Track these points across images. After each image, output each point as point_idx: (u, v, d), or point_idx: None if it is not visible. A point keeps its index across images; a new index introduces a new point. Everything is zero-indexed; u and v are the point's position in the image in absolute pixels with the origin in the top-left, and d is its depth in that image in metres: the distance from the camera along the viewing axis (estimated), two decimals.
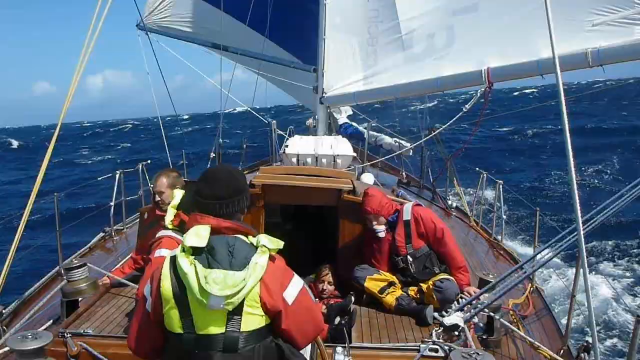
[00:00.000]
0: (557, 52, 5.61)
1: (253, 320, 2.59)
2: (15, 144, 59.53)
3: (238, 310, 2.56)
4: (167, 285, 2.59)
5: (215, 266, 2.53)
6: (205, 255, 2.57)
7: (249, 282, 2.53)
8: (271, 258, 2.66)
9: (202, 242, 2.58)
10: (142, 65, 11.54)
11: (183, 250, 2.60)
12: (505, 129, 37.71)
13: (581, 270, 3.54)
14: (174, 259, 2.62)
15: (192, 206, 2.84)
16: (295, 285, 2.74)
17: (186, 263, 2.55)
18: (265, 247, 2.64)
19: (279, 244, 2.69)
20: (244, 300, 2.55)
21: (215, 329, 2.56)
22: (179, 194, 4.71)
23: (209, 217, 2.69)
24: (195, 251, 2.59)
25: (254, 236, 2.72)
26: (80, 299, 5.31)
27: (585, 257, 3.30)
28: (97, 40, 5.43)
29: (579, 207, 3.32)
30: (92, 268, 5.62)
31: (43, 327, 5.08)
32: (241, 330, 2.58)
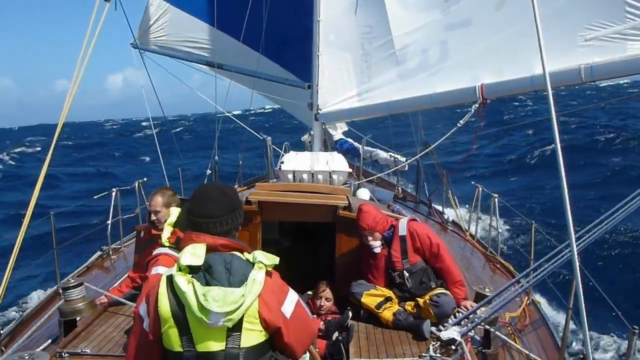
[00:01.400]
0: (550, 69, 5.68)
1: (252, 336, 2.62)
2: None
3: (237, 326, 2.58)
4: (164, 305, 2.59)
5: (214, 284, 2.54)
6: (203, 273, 2.58)
7: (248, 299, 2.55)
8: (268, 274, 2.69)
9: (198, 261, 2.59)
10: (156, 66, 11.73)
11: (179, 269, 2.60)
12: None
13: (576, 283, 3.56)
14: (170, 278, 2.63)
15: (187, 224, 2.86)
16: (291, 299, 2.77)
17: (184, 282, 2.55)
18: (262, 263, 2.67)
19: (275, 259, 2.72)
20: (243, 316, 2.57)
21: (216, 346, 2.58)
22: (175, 211, 4.73)
23: (205, 235, 2.71)
24: (192, 270, 2.59)
25: (249, 253, 2.74)
26: (78, 318, 5.32)
27: (578, 272, 3.33)
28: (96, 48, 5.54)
29: (571, 223, 3.35)
30: (89, 287, 5.64)
31: (41, 347, 5.09)
32: (241, 346, 2.59)
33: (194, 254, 2.61)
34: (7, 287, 4.88)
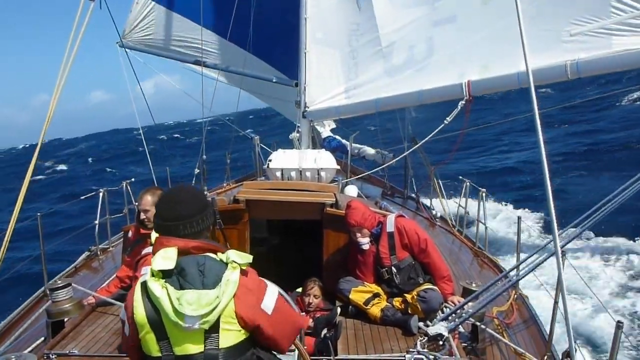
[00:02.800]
0: (536, 65, 5.68)
1: (231, 336, 2.60)
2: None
3: (215, 328, 2.55)
4: (140, 311, 2.58)
5: (187, 287, 2.52)
6: (176, 277, 2.56)
7: (223, 300, 2.53)
8: (243, 273, 2.66)
9: (170, 265, 2.56)
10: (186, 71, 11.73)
11: (153, 275, 2.58)
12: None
13: (559, 277, 3.58)
14: (144, 284, 2.61)
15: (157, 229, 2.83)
16: (271, 294, 2.75)
17: (157, 287, 2.54)
18: (235, 262, 2.64)
19: (249, 258, 2.68)
20: (219, 317, 2.55)
21: (194, 349, 2.56)
22: None
23: (175, 239, 2.68)
24: (166, 274, 2.58)
25: (222, 253, 2.71)
26: (66, 319, 5.30)
27: (562, 267, 3.36)
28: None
29: (555, 219, 3.37)
30: (76, 288, 5.62)
31: (30, 349, 5.06)
32: (220, 347, 2.57)
33: (166, 257, 2.58)
34: None
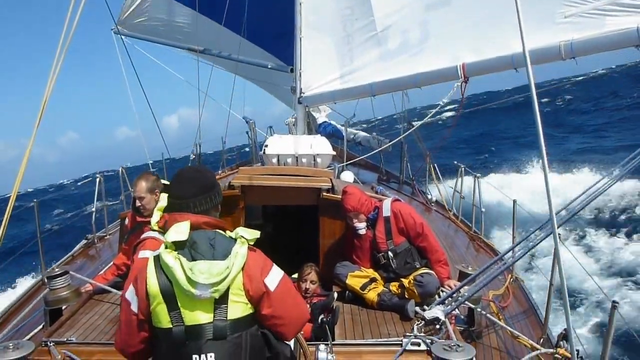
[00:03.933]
0: (530, 46, 5.64)
1: (238, 308, 2.68)
2: None
3: (224, 298, 2.65)
4: (153, 283, 2.66)
5: (199, 258, 2.63)
6: (188, 249, 2.66)
7: (233, 270, 2.63)
8: (250, 248, 2.78)
9: (183, 237, 2.68)
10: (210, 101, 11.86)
11: (166, 247, 2.69)
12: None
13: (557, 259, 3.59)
14: (157, 258, 2.71)
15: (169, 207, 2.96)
16: (276, 273, 2.83)
17: (171, 258, 2.63)
18: (243, 238, 2.76)
19: (256, 233, 2.81)
20: (228, 288, 2.64)
21: (204, 318, 2.65)
22: (165, 196, 4.71)
23: (188, 214, 2.81)
24: (178, 246, 2.68)
25: (231, 231, 2.84)
26: (63, 307, 5.30)
27: (559, 249, 3.37)
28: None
29: (552, 199, 3.38)
30: (74, 276, 5.62)
31: (28, 337, 5.06)
32: (228, 318, 2.66)
33: (178, 231, 2.71)
34: None
